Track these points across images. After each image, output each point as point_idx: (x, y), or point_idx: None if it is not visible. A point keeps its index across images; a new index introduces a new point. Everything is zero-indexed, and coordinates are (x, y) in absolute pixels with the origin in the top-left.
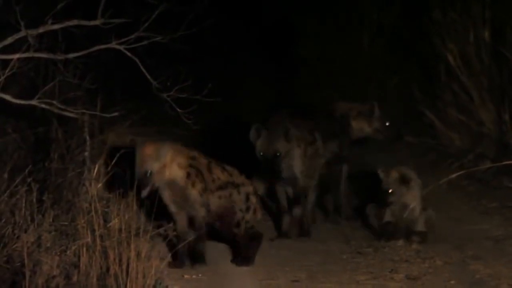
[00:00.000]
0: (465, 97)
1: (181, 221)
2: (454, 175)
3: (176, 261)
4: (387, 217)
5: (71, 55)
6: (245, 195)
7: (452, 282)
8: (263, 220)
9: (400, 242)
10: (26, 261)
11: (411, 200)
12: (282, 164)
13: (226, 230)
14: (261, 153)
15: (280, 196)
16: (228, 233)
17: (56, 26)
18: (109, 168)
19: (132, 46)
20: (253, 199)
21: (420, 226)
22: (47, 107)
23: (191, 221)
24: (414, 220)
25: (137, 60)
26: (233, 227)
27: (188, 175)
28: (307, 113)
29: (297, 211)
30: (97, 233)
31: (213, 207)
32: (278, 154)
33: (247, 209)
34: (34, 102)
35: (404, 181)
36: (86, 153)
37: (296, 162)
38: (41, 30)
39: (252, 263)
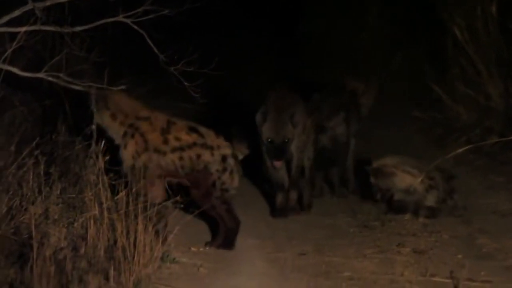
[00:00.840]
0: (472, 71)
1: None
2: (461, 150)
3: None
4: (396, 195)
5: (78, 28)
6: (221, 157)
7: (459, 256)
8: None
9: (407, 216)
10: (33, 233)
11: (401, 184)
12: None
13: (202, 191)
14: (269, 139)
15: (281, 175)
16: (203, 195)
17: None
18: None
19: (139, 19)
20: (230, 161)
21: (428, 202)
22: (54, 80)
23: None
24: (420, 197)
25: (144, 34)
26: (209, 187)
27: (125, 134)
28: (314, 86)
29: (293, 193)
30: (104, 205)
31: (171, 167)
32: (286, 140)
33: (224, 170)
34: (41, 75)
35: (383, 173)
36: (93, 126)
37: (295, 141)
38: (48, 3)
39: (233, 247)
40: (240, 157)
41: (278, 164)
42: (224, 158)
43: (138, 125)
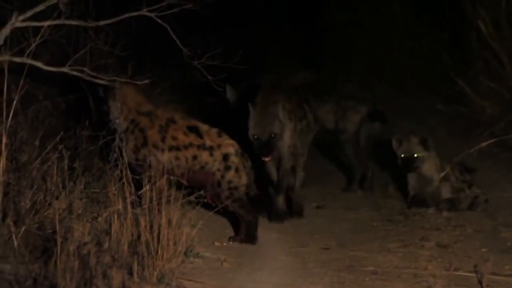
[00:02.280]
0: (496, 65)
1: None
2: (485, 143)
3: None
4: (411, 190)
5: (102, 23)
6: (222, 156)
7: (483, 250)
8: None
9: (431, 210)
10: (57, 228)
11: (429, 170)
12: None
13: (210, 191)
14: (255, 136)
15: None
16: (214, 195)
17: None
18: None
19: (163, 13)
20: (234, 159)
21: (444, 193)
22: (78, 74)
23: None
24: (434, 190)
25: (168, 28)
26: (215, 187)
27: (127, 129)
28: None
29: (279, 199)
30: (128, 200)
31: (168, 166)
32: (273, 136)
33: (226, 168)
34: (65, 69)
35: (425, 145)
36: (118, 121)
37: (285, 139)
38: None
39: (255, 240)
40: None
41: (267, 159)
42: (225, 157)
43: (139, 120)
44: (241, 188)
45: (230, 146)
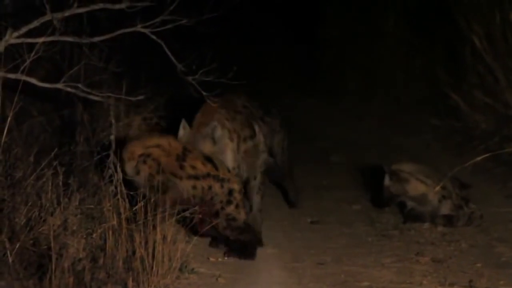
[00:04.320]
0: (490, 79)
1: None
2: (479, 158)
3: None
4: (409, 205)
5: (96, 39)
6: (228, 190)
7: (478, 265)
8: None
9: (426, 225)
10: (52, 244)
11: (413, 192)
12: None
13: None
14: None
15: None
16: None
17: (81, 10)
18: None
19: (157, 29)
20: (237, 196)
21: (443, 210)
22: (72, 90)
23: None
24: (434, 208)
25: (162, 43)
26: (212, 215)
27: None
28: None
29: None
30: (123, 216)
31: (185, 194)
32: None
33: (228, 202)
34: (59, 85)
35: (399, 177)
36: (112, 136)
37: (228, 158)
38: (66, 13)
39: (252, 256)
40: None
41: None
42: (230, 192)
43: (149, 152)
44: (239, 222)
45: (235, 183)
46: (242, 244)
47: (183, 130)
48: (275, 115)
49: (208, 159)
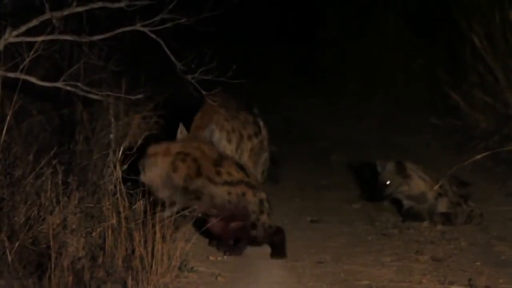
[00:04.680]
0: (490, 79)
1: None
2: (479, 156)
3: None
4: (406, 204)
5: (95, 38)
6: (259, 199)
7: (478, 263)
8: None
9: (425, 224)
10: (51, 243)
11: (417, 189)
12: None
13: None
14: None
15: None
16: (243, 231)
17: (80, 8)
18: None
19: (157, 28)
20: (266, 204)
21: (440, 208)
22: (72, 89)
23: None
24: (431, 206)
25: (162, 42)
26: (249, 227)
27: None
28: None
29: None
30: (122, 215)
31: (219, 200)
32: None
33: (261, 212)
34: (59, 84)
35: (400, 171)
36: (111, 135)
37: None
38: (65, 12)
39: (285, 255)
40: None
41: None
42: (261, 201)
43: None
44: (273, 226)
45: (262, 192)
46: (275, 245)
47: (181, 134)
48: (257, 114)
49: (240, 166)
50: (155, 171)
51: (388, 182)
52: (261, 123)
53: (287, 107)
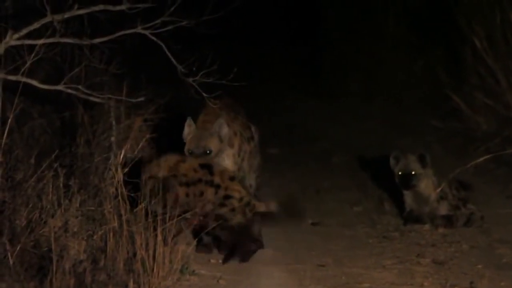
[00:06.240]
0: (491, 81)
1: None
2: (480, 159)
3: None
4: (408, 206)
5: (96, 40)
6: (223, 195)
7: (479, 266)
8: None
9: (426, 227)
10: (53, 246)
11: (426, 188)
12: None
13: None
14: (190, 151)
15: None
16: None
17: (81, 11)
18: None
19: (158, 31)
20: (234, 202)
21: (441, 211)
22: (73, 92)
23: None
24: (434, 207)
25: (163, 45)
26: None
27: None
28: None
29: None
30: (123, 218)
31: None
32: (208, 152)
33: (221, 205)
34: (60, 87)
35: (422, 163)
36: (112, 138)
37: (227, 162)
38: (66, 15)
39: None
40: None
41: None
42: (226, 197)
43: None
44: (232, 220)
45: (236, 192)
46: (233, 246)
47: (189, 128)
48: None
49: (205, 166)
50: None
51: (413, 172)
52: (253, 128)
53: (289, 109)
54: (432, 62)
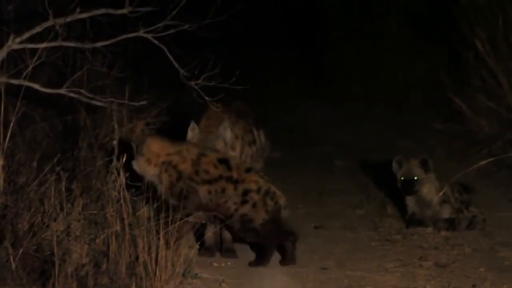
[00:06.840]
0: (493, 83)
1: None
2: (483, 162)
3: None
4: (410, 209)
5: (99, 44)
6: (243, 191)
7: (481, 269)
8: None
9: (429, 230)
10: (55, 250)
11: (429, 193)
12: None
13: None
14: None
15: None
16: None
17: (83, 15)
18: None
19: (160, 34)
20: (254, 196)
21: (444, 215)
22: (75, 96)
23: None
24: (436, 210)
25: (165, 49)
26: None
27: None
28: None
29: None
30: (126, 221)
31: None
32: None
33: (243, 202)
34: (62, 91)
35: (425, 167)
36: (115, 142)
37: None
38: (69, 19)
39: (264, 263)
40: None
41: None
42: (245, 192)
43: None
44: (254, 219)
45: (253, 183)
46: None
47: (192, 132)
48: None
49: (221, 160)
50: (145, 169)
51: (415, 178)
52: (255, 133)
53: (290, 111)
54: (434, 65)
